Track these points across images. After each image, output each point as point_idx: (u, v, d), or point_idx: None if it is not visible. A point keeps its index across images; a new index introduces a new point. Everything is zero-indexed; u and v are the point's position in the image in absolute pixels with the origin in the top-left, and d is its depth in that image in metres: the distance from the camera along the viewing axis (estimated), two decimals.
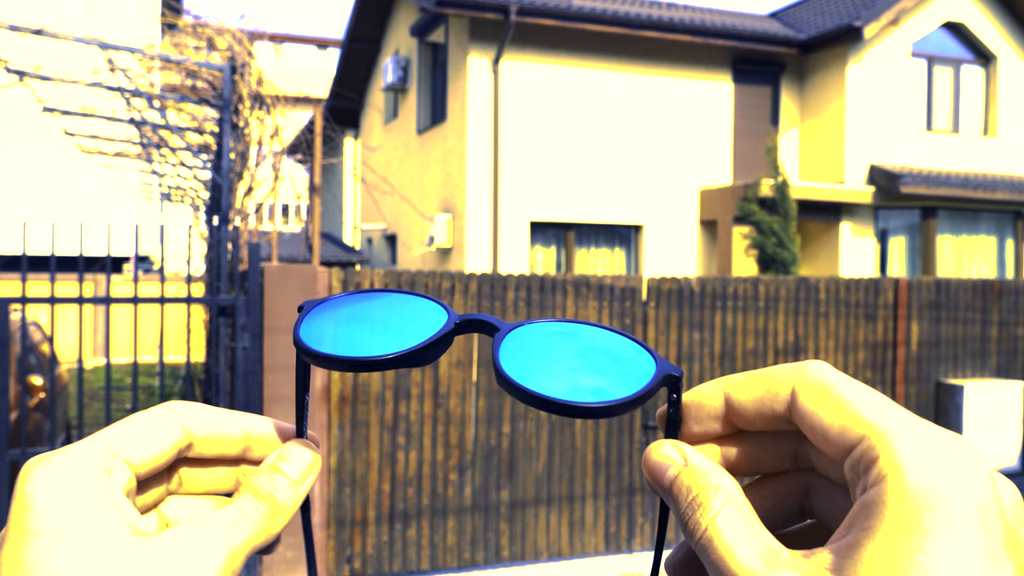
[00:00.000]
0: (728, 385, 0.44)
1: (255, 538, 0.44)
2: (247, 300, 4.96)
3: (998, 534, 0.35)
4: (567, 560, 6.23)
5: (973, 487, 0.36)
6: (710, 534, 0.39)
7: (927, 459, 0.36)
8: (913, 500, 0.35)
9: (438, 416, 5.91)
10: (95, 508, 0.40)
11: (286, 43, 33.26)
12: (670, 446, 0.44)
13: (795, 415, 0.42)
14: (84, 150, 9.87)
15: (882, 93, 14.64)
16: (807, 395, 0.41)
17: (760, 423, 0.44)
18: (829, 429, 0.39)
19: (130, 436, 0.45)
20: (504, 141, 13.45)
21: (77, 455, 0.42)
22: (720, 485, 0.41)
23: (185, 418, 0.48)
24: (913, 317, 7.38)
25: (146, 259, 21.46)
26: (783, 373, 0.43)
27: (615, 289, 6.37)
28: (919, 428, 0.38)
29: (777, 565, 0.37)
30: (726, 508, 0.40)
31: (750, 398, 0.43)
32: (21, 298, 4.39)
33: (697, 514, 0.40)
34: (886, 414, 0.38)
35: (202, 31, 7.57)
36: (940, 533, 0.34)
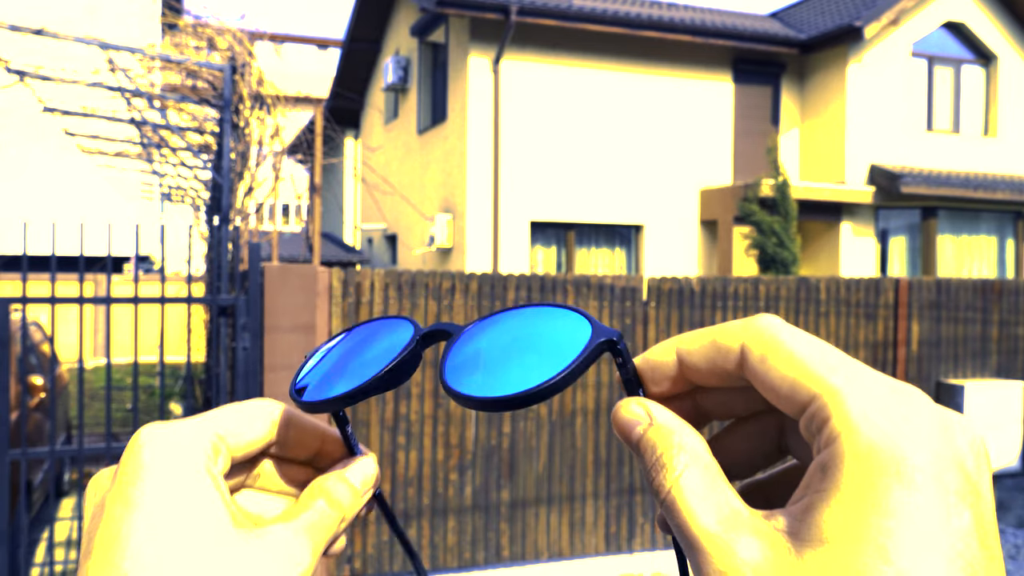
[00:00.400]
0: (680, 344, 0.44)
1: (327, 540, 0.47)
2: (247, 300, 4.96)
3: (954, 486, 0.35)
4: (567, 560, 6.23)
5: (926, 442, 0.35)
6: (673, 495, 0.40)
7: (878, 417, 0.36)
8: (865, 461, 0.35)
9: (438, 416, 5.91)
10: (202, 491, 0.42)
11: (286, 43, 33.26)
12: (636, 404, 0.44)
13: (746, 373, 0.41)
14: (84, 150, 9.86)
15: (882, 93, 14.64)
16: (756, 352, 0.40)
17: (715, 381, 0.43)
18: (779, 388, 0.39)
19: (234, 422, 0.47)
20: (504, 141, 13.45)
21: (192, 432, 0.44)
22: (684, 444, 0.41)
23: (276, 416, 0.49)
24: (913, 317, 7.38)
25: (146, 259, 21.46)
26: (732, 329, 0.42)
27: (615, 289, 6.37)
28: (870, 384, 0.37)
29: (736, 527, 0.37)
30: (689, 469, 0.40)
31: (701, 357, 0.43)
32: (22, 298, 4.38)
33: (661, 475, 0.41)
34: (837, 370, 0.38)
35: (202, 31, 7.57)
36: (893, 493, 0.34)
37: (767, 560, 0.36)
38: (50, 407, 4.77)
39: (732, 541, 0.37)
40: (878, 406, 0.36)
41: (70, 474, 8.54)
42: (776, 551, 0.36)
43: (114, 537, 0.40)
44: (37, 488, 6.39)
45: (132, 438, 0.43)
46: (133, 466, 0.42)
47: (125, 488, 0.41)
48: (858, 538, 0.34)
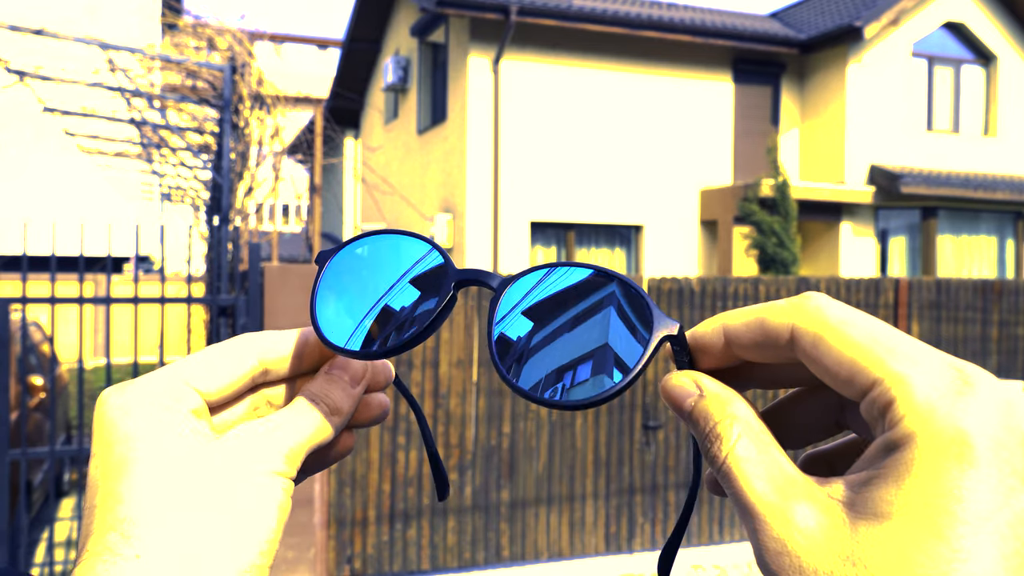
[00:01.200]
0: (727, 325, 0.44)
1: (314, 435, 0.48)
2: (247, 300, 4.96)
3: (1016, 466, 0.35)
4: (567, 560, 6.22)
5: (988, 423, 0.35)
6: (728, 464, 0.40)
7: (941, 399, 0.36)
8: (930, 442, 0.35)
9: (438, 416, 5.91)
10: (164, 421, 0.45)
11: (286, 43, 33.25)
12: (684, 375, 0.45)
13: (799, 355, 0.41)
14: (84, 150, 9.86)
15: (882, 93, 14.64)
16: (809, 336, 0.40)
17: (764, 359, 0.44)
18: (838, 373, 0.39)
19: (202, 366, 0.49)
20: (504, 141, 13.44)
21: (148, 382, 0.47)
22: (736, 414, 0.42)
23: (258, 346, 0.51)
24: (913, 317, 7.38)
25: (146, 259, 21.46)
26: (781, 309, 0.42)
27: None
28: (933, 364, 0.37)
29: (791, 495, 0.38)
30: (743, 438, 0.41)
31: (749, 339, 0.43)
32: (22, 298, 4.38)
33: (716, 446, 0.41)
34: (898, 353, 0.38)
35: (202, 31, 7.57)
36: (953, 475, 0.35)
37: (822, 528, 0.37)
38: (50, 407, 4.77)
39: (788, 508, 0.38)
40: (941, 389, 0.36)
41: (70, 474, 8.53)
42: (832, 520, 0.37)
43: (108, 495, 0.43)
44: (37, 488, 6.39)
45: (97, 407, 0.46)
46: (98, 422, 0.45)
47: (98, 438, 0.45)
48: (917, 516, 0.35)
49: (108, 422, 0.45)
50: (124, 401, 0.45)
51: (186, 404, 0.46)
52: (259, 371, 0.51)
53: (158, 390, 0.46)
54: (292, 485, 0.47)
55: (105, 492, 0.43)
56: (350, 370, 0.51)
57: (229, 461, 0.44)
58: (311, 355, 0.53)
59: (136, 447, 0.43)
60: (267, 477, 0.45)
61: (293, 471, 0.47)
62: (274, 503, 0.45)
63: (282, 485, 0.46)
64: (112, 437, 0.44)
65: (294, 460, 0.47)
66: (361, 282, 0.52)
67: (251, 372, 0.50)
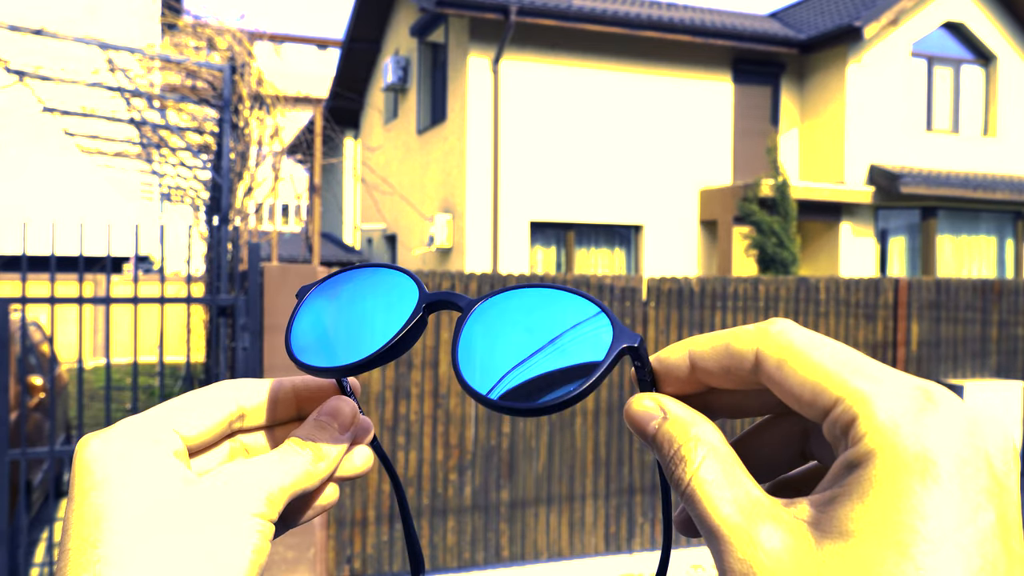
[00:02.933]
0: (693, 347, 0.44)
1: (298, 481, 0.48)
2: (247, 300, 4.96)
3: (979, 484, 0.35)
4: (567, 560, 6.23)
5: (952, 441, 0.35)
6: (693, 487, 0.40)
7: (904, 416, 0.36)
8: (892, 458, 0.35)
9: (438, 416, 5.91)
10: (143, 464, 0.45)
11: (286, 43, 33.25)
12: (648, 398, 0.44)
13: (763, 379, 0.41)
14: (84, 150, 9.87)
15: (882, 93, 14.64)
16: (773, 359, 0.40)
17: (729, 384, 0.44)
18: (801, 394, 0.39)
19: (181, 410, 0.49)
20: (504, 141, 13.45)
21: (126, 425, 0.47)
22: (701, 436, 0.41)
23: (236, 392, 0.51)
24: (913, 317, 7.38)
25: (146, 259, 21.46)
26: (745, 335, 0.42)
27: (615, 289, 6.37)
28: (895, 384, 0.37)
29: (756, 516, 0.38)
30: (707, 460, 0.40)
31: (715, 362, 0.43)
32: (21, 298, 4.38)
33: (680, 468, 0.41)
34: (860, 373, 0.38)
35: (202, 31, 7.57)
36: (917, 492, 0.35)
37: (788, 549, 0.37)
38: (50, 407, 4.77)
39: (753, 530, 0.37)
40: (904, 406, 0.36)
41: (70, 474, 8.53)
42: (797, 540, 0.37)
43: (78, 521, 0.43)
44: (37, 488, 6.39)
45: (75, 452, 0.46)
46: (78, 466, 0.45)
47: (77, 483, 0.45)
48: (881, 534, 0.35)
49: (86, 467, 0.45)
50: (103, 445, 0.45)
51: (166, 446, 0.46)
52: (237, 415, 0.51)
53: (138, 433, 0.46)
54: (271, 528, 0.46)
55: (79, 534, 0.43)
56: (339, 417, 0.51)
57: (206, 502, 0.44)
58: (286, 401, 0.53)
59: (112, 490, 0.43)
60: (247, 518, 0.45)
61: (274, 514, 0.46)
62: (250, 545, 0.44)
63: (259, 527, 0.45)
64: (89, 482, 0.44)
65: (275, 503, 0.46)
66: (336, 310, 0.53)
67: (230, 416, 0.50)
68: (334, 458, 0.50)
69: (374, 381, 5.75)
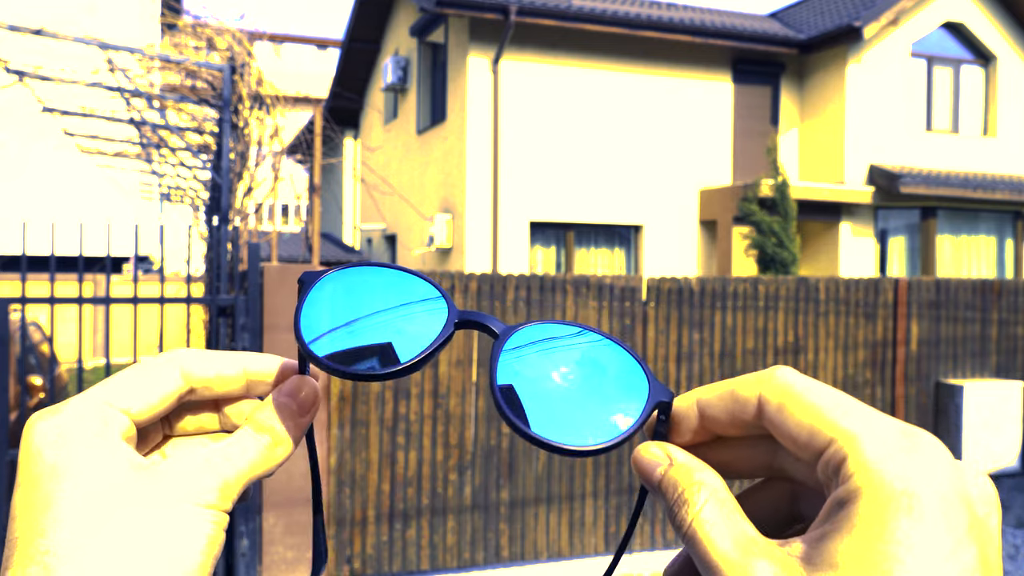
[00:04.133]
0: (700, 398, 0.47)
1: (253, 467, 0.47)
2: (247, 300, 4.96)
3: (961, 522, 0.37)
4: (567, 560, 6.23)
5: (935, 479, 0.38)
6: (694, 528, 0.42)
7: (891, 456, 0.38)
8: (879, 494, 0.37)
9: (438, 416, 5.91)
10: (93, 449, 0.44)
11: (286, 43, 33.26)
12: (655, 446, 0.47)
13: (765, 422, 0.44)
14: (84, 150, 9.87)
15: (882, 93, 14.64)
16: (774, 403, 0.43)
17: (735, 431, 0.46)
18: (798, 435, 0.42)
19: (127, 387, 0.48)
20: (504, 141, 13.44)
21: (75, 408, 0.46)
22: (703, 481, 0.44)
23: (184, 364, 0.50)
24: (913, 317, 7.38)
25: (146, 259, 21.46)
26: (749, 382, 0.45)
27: (615, 289, 6.37)
28: (884, 427, 0.40)
29: (753, 553, 0.40)
30: (709, 503, 0.43)
31: (721, 410, 0.46)
32: (21, 298, 4.38)
33: (683, 510, 0.43)
34: (852, 415, 0.40)
35: (202, 31, 7.56)
36: (903, 523, 0.36)
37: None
38: None
39: (749, 565, 0.40)
40: (891, 448, 0.39)
41: None
42: (789, 574, 0.38)
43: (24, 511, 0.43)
44: None
45: (24, 435, 0.45)
46: (25, 451, 0.44)
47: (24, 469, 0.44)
48: (868, 565, 0.36)
49: (35, 452, 0.44)
50: (52, 429, 0.44)
51: (115, 429, 0.46)
52: (185, 390, 0.50)
53: (87, 415, 0.45)
54: (225, 518, 0.45)
55: (27, 524, 0.42)
56: (299, 398, 0.50)
57: (158, 492, 0.44)
58: (236, 378, 0.52)
59: (61, 479, 0.43)
60: (198, 509, 0.44)
61: (228, 504, 0.46)
62: (202, 537, 0.44)
63: (212, 518, 0.44)
64: (37, 469, 0.43)
65: (229, 492, 0.46)
66: (355, 310, 0.51)
67: (177, 391, 0.49)
68: (291, 442, 0.49)
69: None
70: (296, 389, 0.50)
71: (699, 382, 6.65)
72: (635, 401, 0.47)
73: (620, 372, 0.48)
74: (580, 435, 0.46)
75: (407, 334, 0.49)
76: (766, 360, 6.84)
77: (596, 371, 0.48)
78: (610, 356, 0.49)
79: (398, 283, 0.52)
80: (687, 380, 6.61)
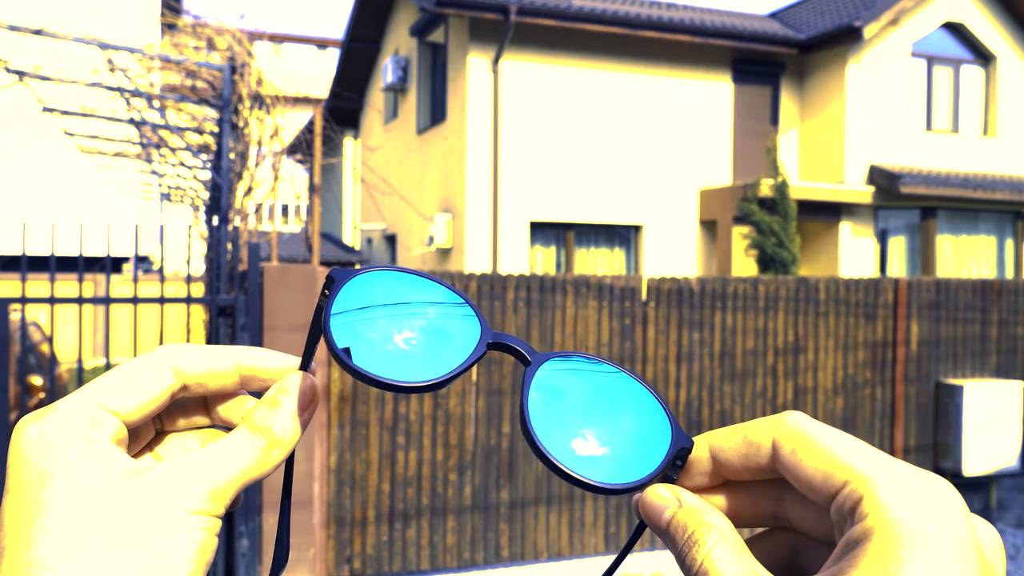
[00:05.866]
0: (713, 441, 0.47)
1: (248, 471, 0.46)
2: (247, 300, 4.96)
3: (971, 562, 0.38)
4: (567, 560, 6.23)
5: (949, 520, 0.38)
6: (705, 567, 0.42)
7: (906, 496, 0.39)
8: (893, 532, 0.38)
9: (438, 416, 5.91)
10: (82, 455, 0.43)
11: (286, 43, 33.24)
12: (664, 488, 0.47)
13: (779, 466, 0.44)
14: (84, 150, 9.86)
15: (882, 93, 14.64)
16: (788, 447, 0.44)
17: (746, 474, 0.46)
18: (813, 478, 0.42)
19: (117, 386, 0.47)
20: (504, 141, 13.44)
21: (63, 410, 0.45)
22: (714, 523, 0.44)
23: (175, 361, 0.49)
24: (913, 317, 7.38)
25: (146, 259, 21.45)
26: (762, 426, 0.45)
27: (615, 289, 6.37)
28: (898, 469, 0.41)
29: None
30: (720, 544, 0.43)
31: (734, 453, 0.46)
32: (21, 298, 4.38)
33: (694, 551, 0.43)
34: (866, 458, 0.41)
35: (202, 31, 7.56)
36: (917, 562, 0.37)
37: None
38: None
39: None
40: (906, 489, 0.39)
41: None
42: None
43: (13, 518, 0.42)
44: None
45: (12, 438, 0.45)
46: (13, 456, 0.44)
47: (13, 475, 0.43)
48: None
49: (23, 458, 0.43)
50: (39, 434, 0.44)
51: (105, 431, 0.45)
52: (178, 386, 0.49)
53: (75, 418, 0.44)
54: (218, 523, 0.44)
55: (16, 533, 0.41)
56: (298, 396, 0.49)
57: (147, 499, 0.43)
58: (227, 374, 0.50)
59: (50, 486, 0.42)
60: (188, 515, 0.43)
61: (220, 509, 0.45)
62: (193, 543, 0.43)
63: (204, 524, 0.44)
64: (26, 476, 0.43)
65: (221, 497, 0.45)
66: (384, 314, 0.49)
67: (169, 389, 0.48)
68: (289, 442, 0.48)
69: None
70: (293, 386, 0.49)
71: (699, 382, 6.65)
72: (658, 444, 0.48)
73: (644, 413, 0.49)
74: (602, 471, 0.47)
75: (438, 349, 0.49)
76: (766, 360, 6.84)
77: (621, 409, 0.49)
78: (635, 395, 0.49)
79: (431, 293, 0.51)
80: (687, 380, 6.61)
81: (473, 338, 0.49)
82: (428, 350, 0.49)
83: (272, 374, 0.51)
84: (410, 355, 0.48)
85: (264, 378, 0.51)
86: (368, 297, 0.49)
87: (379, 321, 0.49)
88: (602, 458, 0.47)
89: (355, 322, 0.48)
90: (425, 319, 0.50)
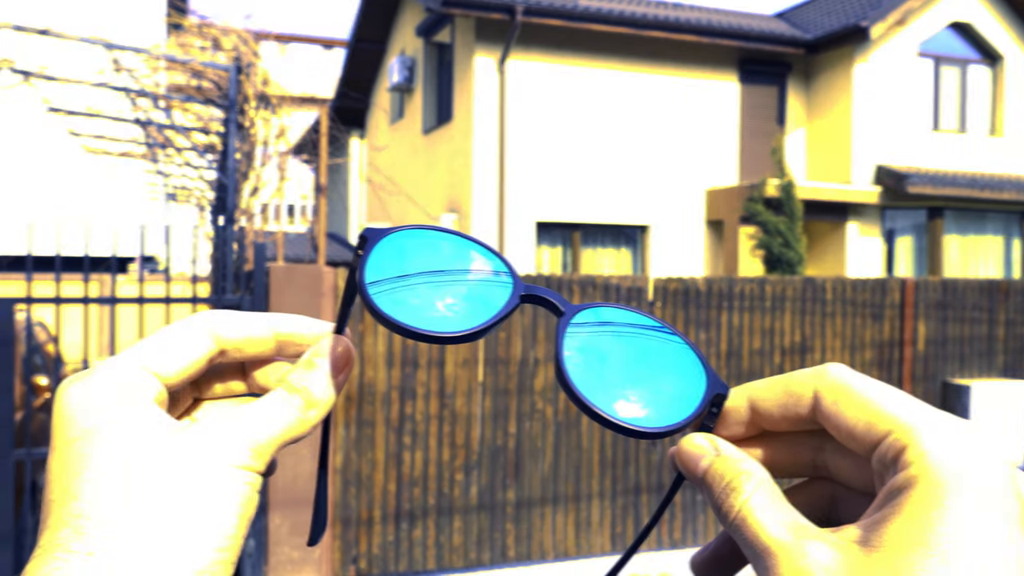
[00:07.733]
0: (753, 392, 0.47)
1: (287, 430, 0.47)
2: (253, 300, 4.96)
3: (1015, 512, 0.38)
4: (573, 560, 6.21)
5: (991, 469, 0.39)
6: (743, 514, 0.42)
7: (949, 445, 0.39)
8: (936, 480, 0.38)
9: (444, 416, 5.90)
10: (125, 412, 0.44)
11: (292, 43, 33.28)
12: (702, 437, 0.47)
13: (820, 417, 0.44)
14: (89, 150, 9.88)
15: (889, 93, 14.61)
16: (830, 397, 0.44)
17: (785, 425, 0.47)
18: (855, 428, 0.42)
19: (158, 350, 0.48)
20: (510, 141, 13.44)
21: (106, 371, 0.46)
22: (751, 471, 0.44)
23: (214, 326, 0.50)
24: (920, 317, 7.36)
25: (151, 259, 21.49)
26: (803, 377, 0.45)
27: (621, 289, 6.36)
28: (941, 419, 0.41)
29: (806, 535, 0.40)
30: (758, 491, 0.43)
31: (774, 403, 0.46)
32: (26, 298, 4.39)
33: (731, 498, 0.43)
34: (908, 408, 0.41)
35: (208, 31, 7.57)
36: (960, 506, 0.37)
37: (837, 561, 0.39)
38: None
39: (804, 547, 0.40)
40: (949, 438, 0.40)
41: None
42: (846, 555, 0.39)
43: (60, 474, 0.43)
44: (42, 489, 6.38)
45: (56, 400, 0.45)
46: (58, 415, 0.45)
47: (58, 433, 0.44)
48: (923, 546, 0.37)
49: (68, 416, 0.44)
50: (84, 394, 0.44)
51: (148, 392, 0.46)
52: (216, 352, 0.50)
53: (119, 380, 0.45)
54: (259, 479, 0.45)
55: (62, 487, 0.42)
56: (333, 358, 0.50)
57: (191, 453, 0.43)
58: (263, 340, 0.52)
59: (95, 442, 0.43)
60: (230, 471, 0.44)
61: (261, 465, 0.45)
62: (236, 498, 0.43)
63: (246, 479, 0.44)
64: (71, 433, 0.43)
65: (263, 454, 0.46)
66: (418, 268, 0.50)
67: (208, 353, 0.49)
68: (325, 403, 0.49)
69: (379, 381, 5.74)
70: (329, 348, 0.50)
71: None
72: (693, 390, 0.48)
73: (679, 360, 0.49)
74: (636, 416, 0.47)
75: (472, 302, 0.50)
76: (772, 360, 6.83)
77: (656, 356, 0.49)
78: (669, 344, 0.50)
79: (463, 250, 0.52)
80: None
81: (506, 291, 0.50)
82: (462, 303, 0.50)
83: (308, 339, 0.52)
84: (445, 308, 0.49)
85: (300, 343, 0.52)
86: (401, 255, 0.50)
87: (413, 277, 0.50)
88: (637, 403, 0.47)
89: (389, 279, 0.49)
90: (458, 274, 0.51)
